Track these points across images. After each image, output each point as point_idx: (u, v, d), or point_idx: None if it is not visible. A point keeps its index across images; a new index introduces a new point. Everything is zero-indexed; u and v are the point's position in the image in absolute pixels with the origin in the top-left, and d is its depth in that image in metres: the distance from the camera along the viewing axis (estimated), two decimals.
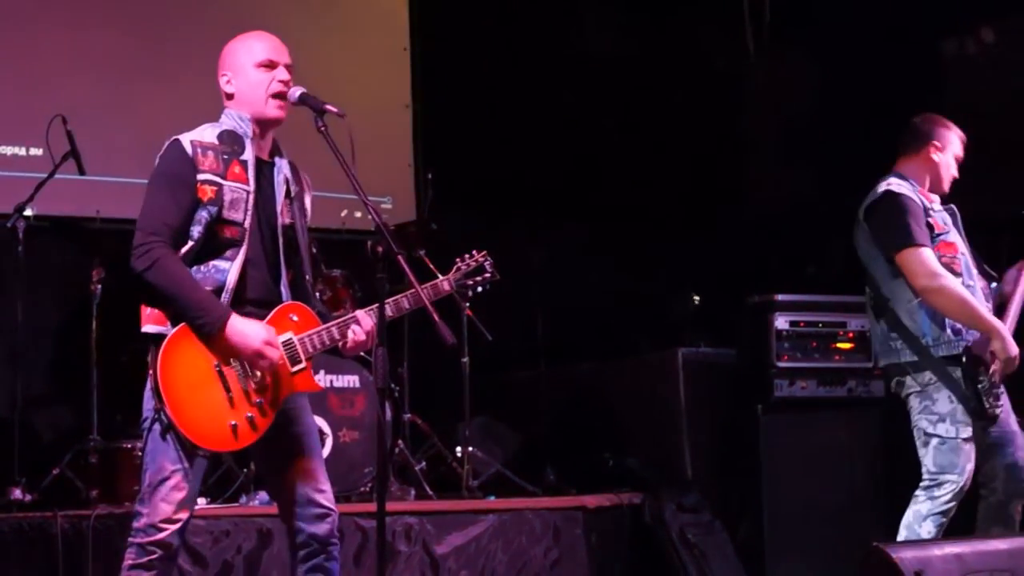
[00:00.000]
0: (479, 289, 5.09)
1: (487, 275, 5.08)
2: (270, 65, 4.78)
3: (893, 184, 6.00)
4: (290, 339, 4.68)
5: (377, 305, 4.57)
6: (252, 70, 4.77)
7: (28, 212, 7.21)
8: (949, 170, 6.08)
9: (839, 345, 7.90)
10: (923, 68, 8.46)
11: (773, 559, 7.61)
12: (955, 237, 6.00)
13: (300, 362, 4.69)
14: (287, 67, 4.80)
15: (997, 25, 8.38)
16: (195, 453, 4.59)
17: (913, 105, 7.71)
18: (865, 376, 7.88)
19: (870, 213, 6.04)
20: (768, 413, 7.74)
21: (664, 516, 7.59)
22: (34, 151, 7.87)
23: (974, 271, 5.99)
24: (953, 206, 6.15)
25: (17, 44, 8.14)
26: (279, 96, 4.76)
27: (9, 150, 8.10)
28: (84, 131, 7.42)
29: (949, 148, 6.08)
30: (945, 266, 5.84)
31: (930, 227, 5.90)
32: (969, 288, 5.88)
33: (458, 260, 5.06)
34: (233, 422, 4.55)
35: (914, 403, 5.91)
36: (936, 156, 6.06)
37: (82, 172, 7.33)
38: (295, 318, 4.72)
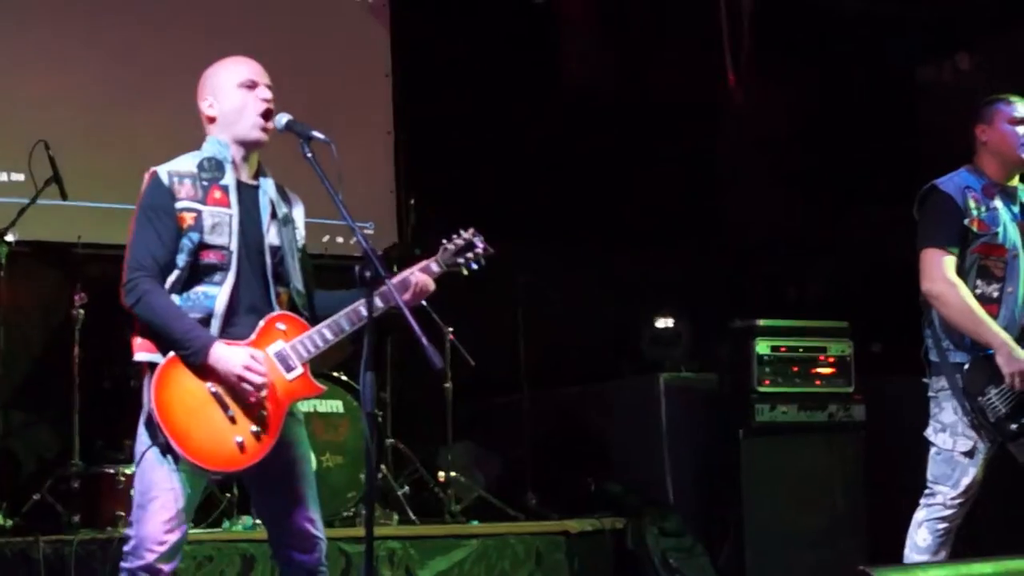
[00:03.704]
0: (473, 266, 4.94)
1: (479, 250, 4.94)
2: (252, 85, 4.79)
3: (947, 178, 5.85)
4: (281, 348, 4.69)
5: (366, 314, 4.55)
6: (234, 91, 4.78)
7: (10, 237, 7.19)
8: (1012, 139, 5.82)
9: (820, 370, 7.93)
10: (899, 95, 8.53)
11: None
12: (1011, 236, 5.78)
13: (295, 368, 4.70)
14: (268, 87, 4.83)
15: (972, 52, 8.46)
16: (203, 477, 4.62)
17: (890, 131, 7.81)
18: (846, 401, 7.92)
19: (916, 207, 5.90)
20: (749, 437, 7.75)
21: (646, 540, 7.61)
22: (16, 176, 7.84)
23: None
24: None
25: (0, 69, 8.13)
26: (264, 116, 4.77)
27: None
28: (66, 156, 7.41)
29: (997, 120, 5.86)
30: (983, 269, 5.72)
31: (966, 229, 5.73)
32: (1009, 295, 5.75)
33: (444, 240, 4.95)
34: (239, 438, 4.56)
35: (930, 407, 5.83)
36: (985, 136, 5.88)
37: (64, 197, 7.33)
38: (283, 327, 4.72)
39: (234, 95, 4.79)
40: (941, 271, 5.69)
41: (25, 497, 7.03)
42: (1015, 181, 5.94)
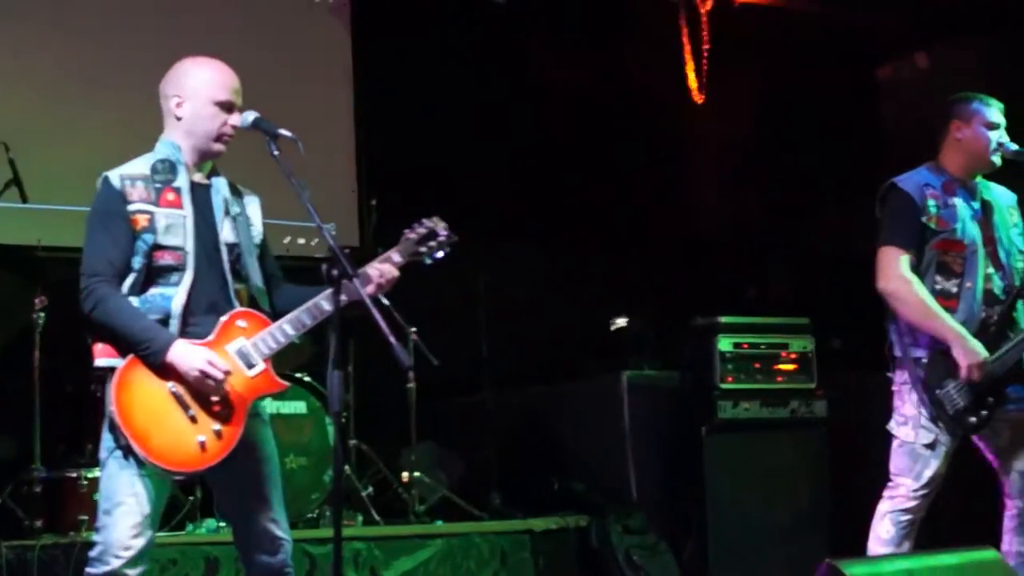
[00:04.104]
0: (437, 255, 4.88)
1: (442, 238, 4.88)
2: (228, 107, 4.78)
3: (907, 176, 5.89)
4: (242, 346, 4.68)
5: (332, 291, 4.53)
6: (208, 105, 4.76)
7: None
8: (984, 142, 5.86)
9: (782, 366, 7.95)
10: (859, 94, 8.57)
11: None
12: (970, 232, 5.80)
13: (257, 365, 4.68)
14: (239, 108, 4.81)
15: (930, 51, 8.50)
16: (167, 479, 4.60)
17: (850, 130, 7.85)
18: (808, 397, 7.94)
19: (878, 205, 5.92)
20: (712, 434, 7.77)
21: (610, 538, 7.61)
22: None
23: (986, 270, 5.80)
24: (1004, 191, 6.02)
25: None
26: (225, 138, 4.78)
27: None
28: (26, 159, 7.38)
29: (975, 120, 5.88)
30: (942, 265, 5.76)
31: (924, 226, 5.77)
32: (968, 290, 5.76)
33: (406, 230, 4.89)
34: (201, 438, 4.55)
35: (893, 400, 5.86)
36: (960, 133, 5.90)
37: (24, 200, 7.31)
38: (244, 324, 4.71)
39: (207, 109, 4.77)
40: (896, 269, 5.74)
41: None
42: (976, 178, 5.99)
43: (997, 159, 5.91)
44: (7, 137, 7.27)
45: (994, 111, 5.91)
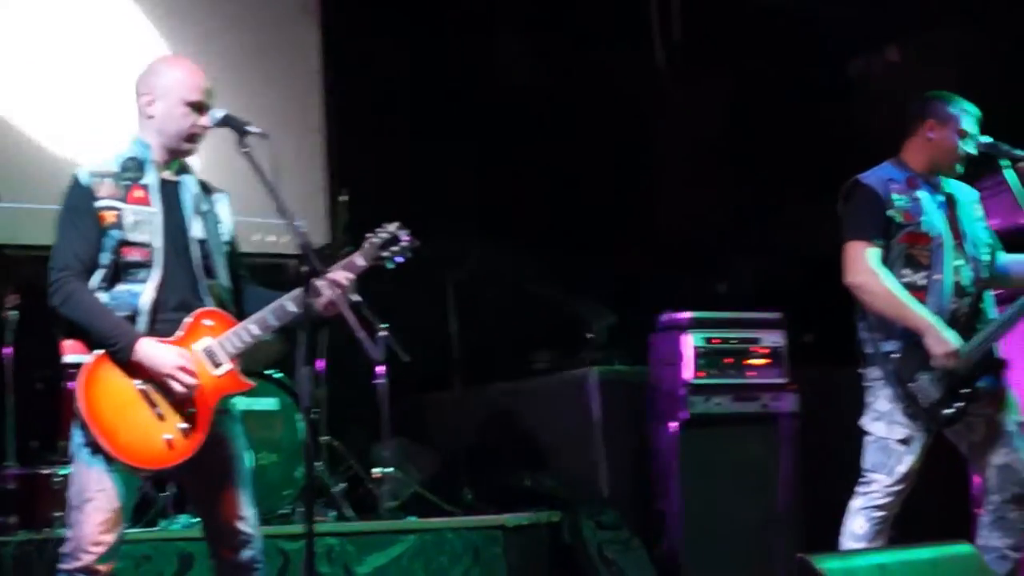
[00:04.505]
0: (398, 260, 4.90)
1: (404, 243, 4.89)
2: (199, 108, 4.80)
3: (870, 172, 5.92)
4: (209, 345, 4.69)
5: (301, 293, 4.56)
6: (179, 105, 4.79)
7: None
8: (954, 150, 5.89)
9: (752, 361, 7.94)
10: (831, 87, 8.59)
11: (691, 574, 7.66)
12: (936, 224, 5.83)
13: (223, 364, 4.69)
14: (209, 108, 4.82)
15: (902, 44, 8.53)
16: (134, 475, 4.61)
17: (821, 124, 7.86)
18: (779, 391, 7.95)
19: (841, 202, 5.96)
20: (683, 429, 7.77)
21: (583, 534, 7.62)
22: None
23: (954, 262, 5.81)
24: (966, 187, 6.03)
25: None
26: (195, 138, 4.80)
27: None
28: None
29: (950, 125, 5.89)
30: (909, 258, 5.78)
31: (889, 220, 5.79)
32: (936, 282, 5.78)
33: (368, 234, 4.91)
34: (167, 436, 4.57)
35: (865, 396, 5.89)
36: (934, 133, 5.91)
37: None
38: (210, 323, 4.73)
39: (177, 109, 4.80)
40: (863, 262, 5.77)
41: None
42: (938, 175, 6.01)
43: (960, 168, 5.96)
44: None
45: (971, 121, 5.93)
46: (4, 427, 7.10)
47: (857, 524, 5.78)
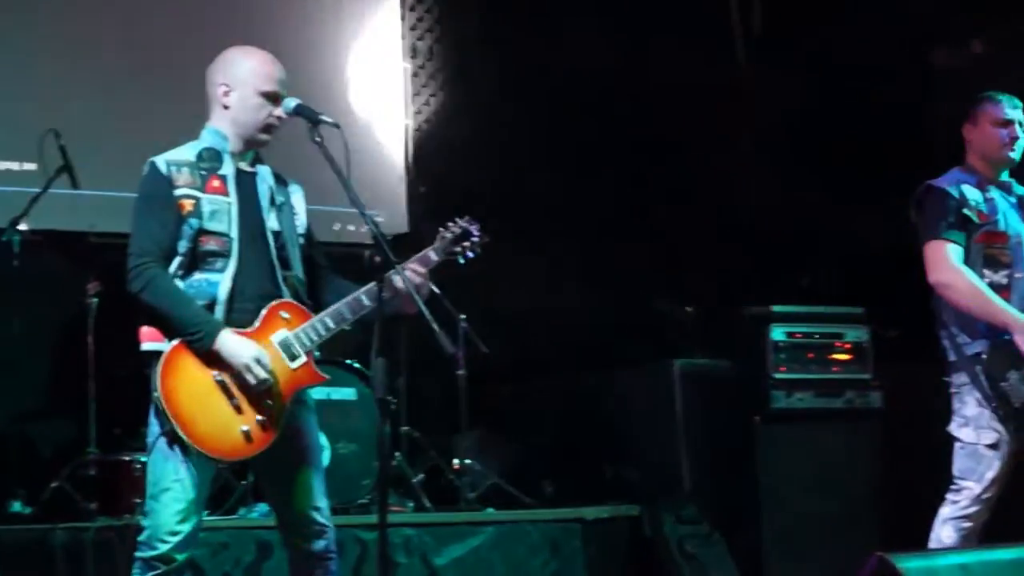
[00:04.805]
0: (470, 255, 4.93)
1: (475, 238, 4.93)
2: (274, 98, 4.80)
3: (939, 179, 5.89)
4: (285, 337, 4.68)
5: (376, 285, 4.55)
6: (254, 95, 4.79)
7: (23, 226, 7.22)
8: (995, 140, 5.88)
9: (836, 356, 7.88)
10: (914, 77, 8.47)
11: (772, 569, 7.60)
12: (1012, 223, 5.82)
13: (299, 356, 4.69)
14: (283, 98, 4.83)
15: (985, 35, 8.40)
16: (211, 466, 4.62)
17: (904, 113, 7.75)
18: (863, 387, 7.87)
19: (913, 209, 5.95)
20: (765, 424, 7.72)
21: (663, 528, 7.59)
22: (28, 166, 7.85)
23: None
24: None
25: (11, 58, 8.11)
26: (271, 129, 4.81)
27: (3, 165, 8.08)
28: (77, 145, 7.43)
29: (982, 120, 5.91)
30: (989, 258, 5.73)
31: (966, 219, 5.75)
32: (1018, 280, 5.74)
33: (441, 228, 4.93)
34: (245, 427, 4.58)
35: (952, 403, 5.82)
36: (971, 135, 5.94)
37: (76, 186, 7.35)
38: (286, 315, 4.73)
39: (254, 100, 4.80)
40: (946, 261, 5.72)
41: (43, 485, 7.09)
42: (1005, 175, 5.98)
43: (1014, 154, 5.91)
44: (59, 124, 7.32)
45: (1004, 107, 5.91)
46: (86, 414, 7.17)
47: (945, 532, 5.72)
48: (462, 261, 4.95)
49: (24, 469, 7.10)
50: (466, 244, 4.93)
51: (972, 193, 5.81)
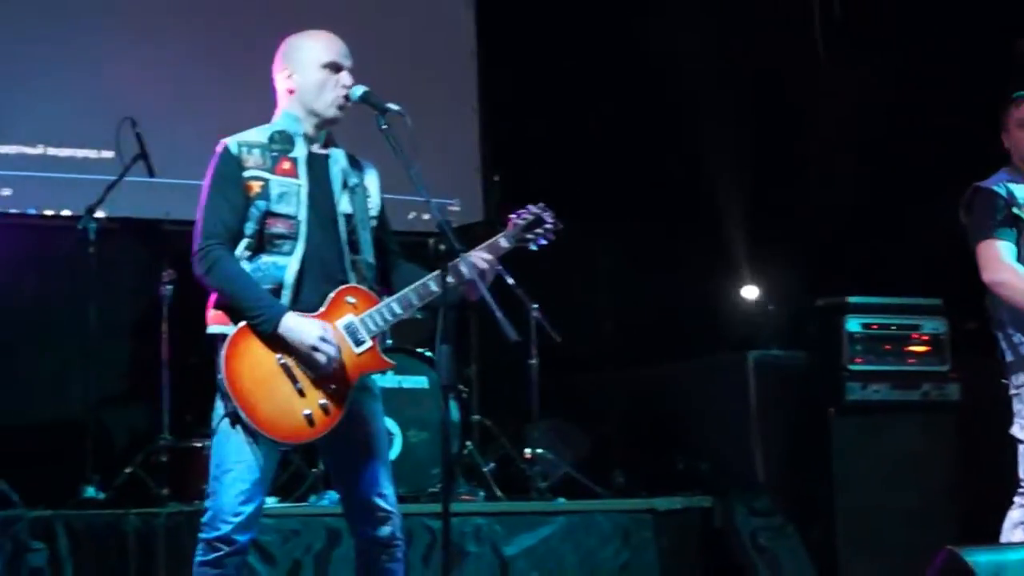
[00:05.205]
0: (542, 242, 4.89)
1: (548, 225, 4.89)
2: (335, 68, 4.79)
3: (986, 181, 5.86)
4: (351, 322, 4.68)
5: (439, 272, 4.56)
6: (316, 70, 4.78)
7: (99, 214, 7.29)
8: (1022, 146, 5.87)
9: (913, 348, 7.80)
10: (996, 67, 8.36)
11: (846, 562, 7.54)
12: None
13: (364, 342, 4.68)
14: (350, 70, 4.81)
15: None
16: (274, 448, 4.62)
17: (986, 104, 7.62)
18: (940, 380, 7.78)
19: (963, 211, 5.91)
20: (840, 416, 7.65)
21: (735, 520, 7.54)
22: (105, 153, 7.93)
23: None
24: None
25: (88, 48, 8.20)
26: (340, 100, 4.78)
27: (80, 153, 8.17)
28: (153, 133, 7.50)
29: (1010, 123, 5.91)
30: None
31: (1016, 217, 5.71)
32: None
33: (512, 215, 4.90)
34: (307, 411, 4.57)
35: (1013, 405, 5.76)
36: (1006, 141, 5.93)
37: (151, 174, 7.42)
38: (353, 300, 4.70)
39: (315, 74, 4.79)
40: (999, 260, 5.66)
41: (116, 470, 7.18)
42: None
43: None
44: (135, 113, 7.38)
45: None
46: (159, 401, 7.23)
47: (1017, 538, 5.63)
48: (534, 248, 4.91)
49: (98, 455, 7.17)
50: (539, 231, 4.89)
51: (1021, 192, 5.76)
